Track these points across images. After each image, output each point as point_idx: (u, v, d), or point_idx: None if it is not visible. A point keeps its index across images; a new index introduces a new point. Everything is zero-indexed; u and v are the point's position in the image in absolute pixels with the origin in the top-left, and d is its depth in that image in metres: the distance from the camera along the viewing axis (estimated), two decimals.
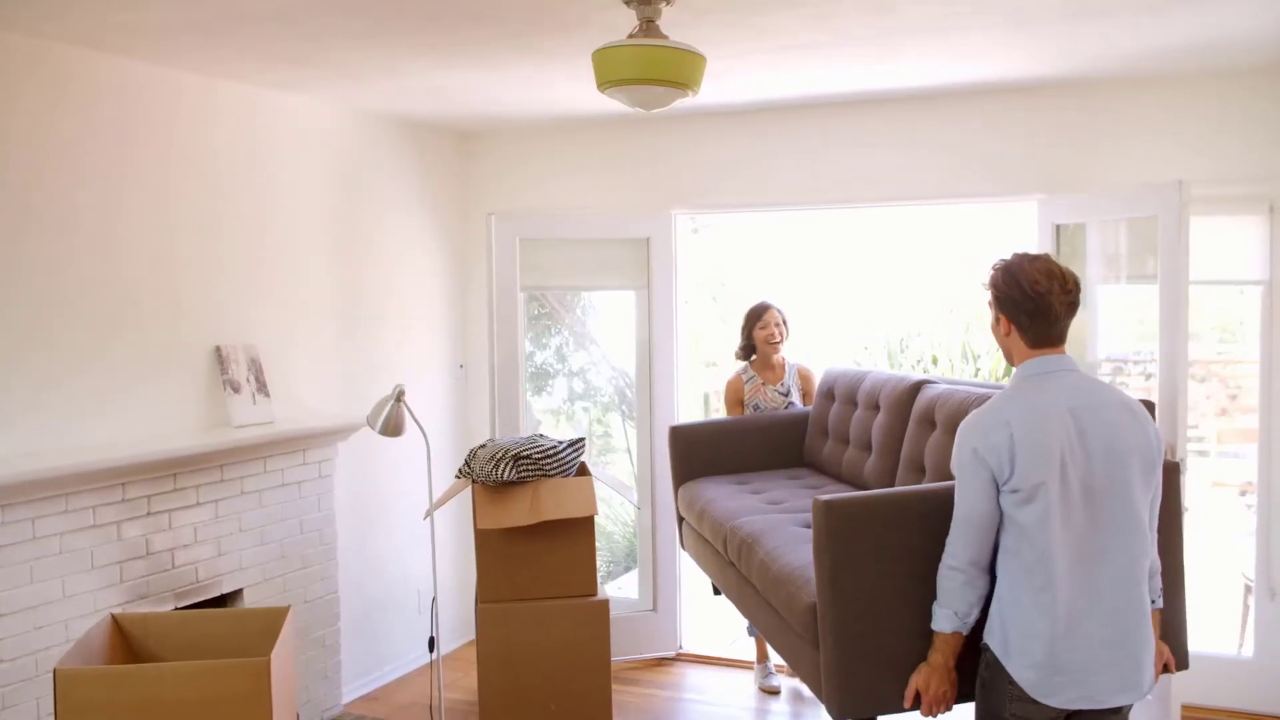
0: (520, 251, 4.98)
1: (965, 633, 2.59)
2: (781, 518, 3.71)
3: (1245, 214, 4.19)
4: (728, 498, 4.15)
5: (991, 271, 2.62)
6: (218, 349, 4.09)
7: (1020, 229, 4.92)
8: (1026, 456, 2.42)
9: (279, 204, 4.41)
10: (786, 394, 4.93)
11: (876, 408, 4.12)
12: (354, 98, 4.53)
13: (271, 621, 3.06)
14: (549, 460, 4.32)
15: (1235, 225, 4.24)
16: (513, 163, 5.40)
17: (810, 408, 4.85)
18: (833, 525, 2.70)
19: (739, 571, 3.68)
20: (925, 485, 2.91)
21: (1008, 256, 2.64)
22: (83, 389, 3.62)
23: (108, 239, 3.71)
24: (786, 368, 4.98)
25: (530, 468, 4.27)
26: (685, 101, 4.69)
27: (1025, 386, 2.52)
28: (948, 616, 2.57)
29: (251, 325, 4.27)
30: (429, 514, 4.17)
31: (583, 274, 5.23)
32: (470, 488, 4.41)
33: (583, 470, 4.51)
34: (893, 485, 3.90)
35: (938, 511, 2.62)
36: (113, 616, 3.06)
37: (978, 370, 7.92)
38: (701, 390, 8.42)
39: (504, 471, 4.24)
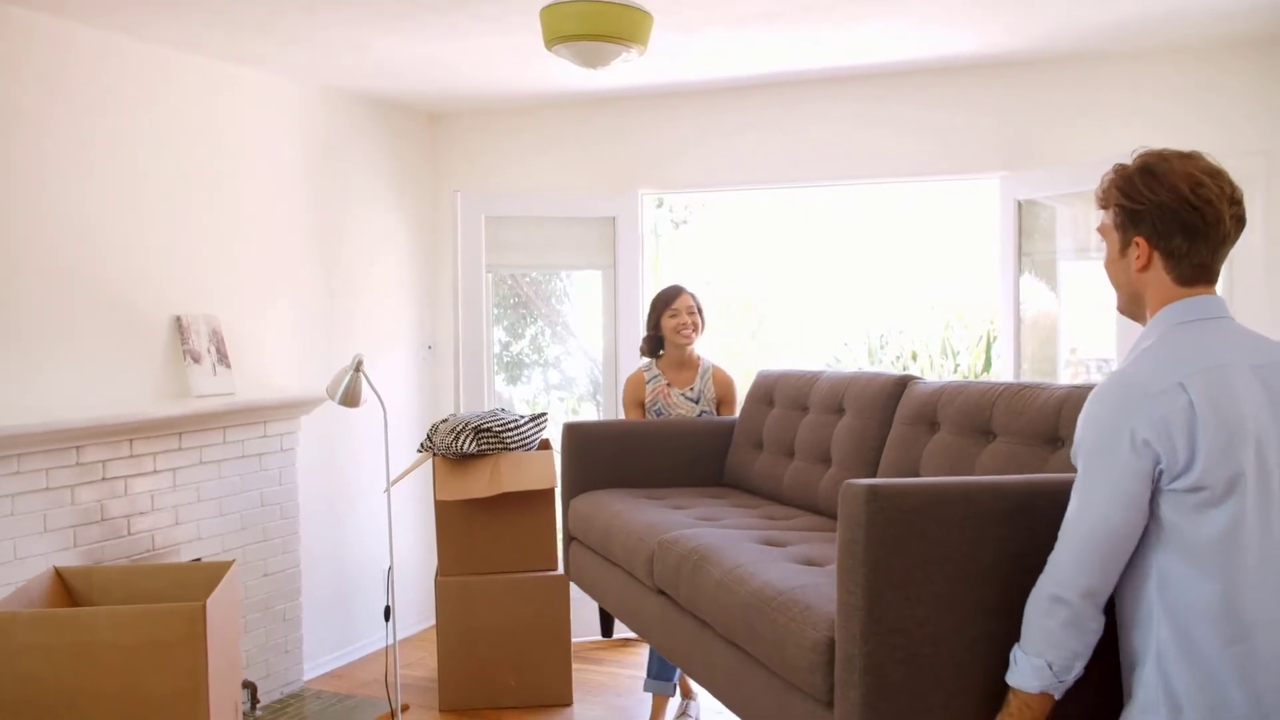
0: (486, 230, 5.00)
1: (1058, 696, 1.79)
2: (732, 534, 2.91)
3: None
4: (643, 510, 3.38)
5: (1114, 176, 1.84)
6: (178, 319, 4.09)
7: (987, 220, 4.91)
8: (1216, 436, 1.65)
9: (245, 179, 4.42)
10: (697, 400, 4.20)
11: (840, 410, 3.45)
12: (320, 75, 4.55)
13: (215, 575, 3.06)
14: (510, 433, 4.34)
15: None
16: (482, 144, 5.42)
17: (733, 417, 4.12)
18: (879, 521, 1.86)
19: (672, 600, 2.88)
20: (1014, 476, 2.18)
21: (1127, 160, 1.85)
22: (38, 355, 3.62)
23: (68, 207, 3.72)
24: (700, 370, 4.23)
25: (491, 440, 4.28)
26: (652, 81, 4.75)
27: (1183, 337, 1.75)
28: (1037, 669, 1.76)
29: (213, 297, 4.27)
30: (389, 488, 4.17)
31: (549, 253, 5.24)
32: (431, 461, 4.43)
33: (545, 445, 4.52)
34: None
35: (1029, 513, 1.92)
36: (55, 569, 3.06)
37: (957, 367, 7.93)
38: None
39: (464, 443, 4.25)
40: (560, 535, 3.85)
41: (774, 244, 8.62)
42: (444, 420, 4.41)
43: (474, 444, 4.24)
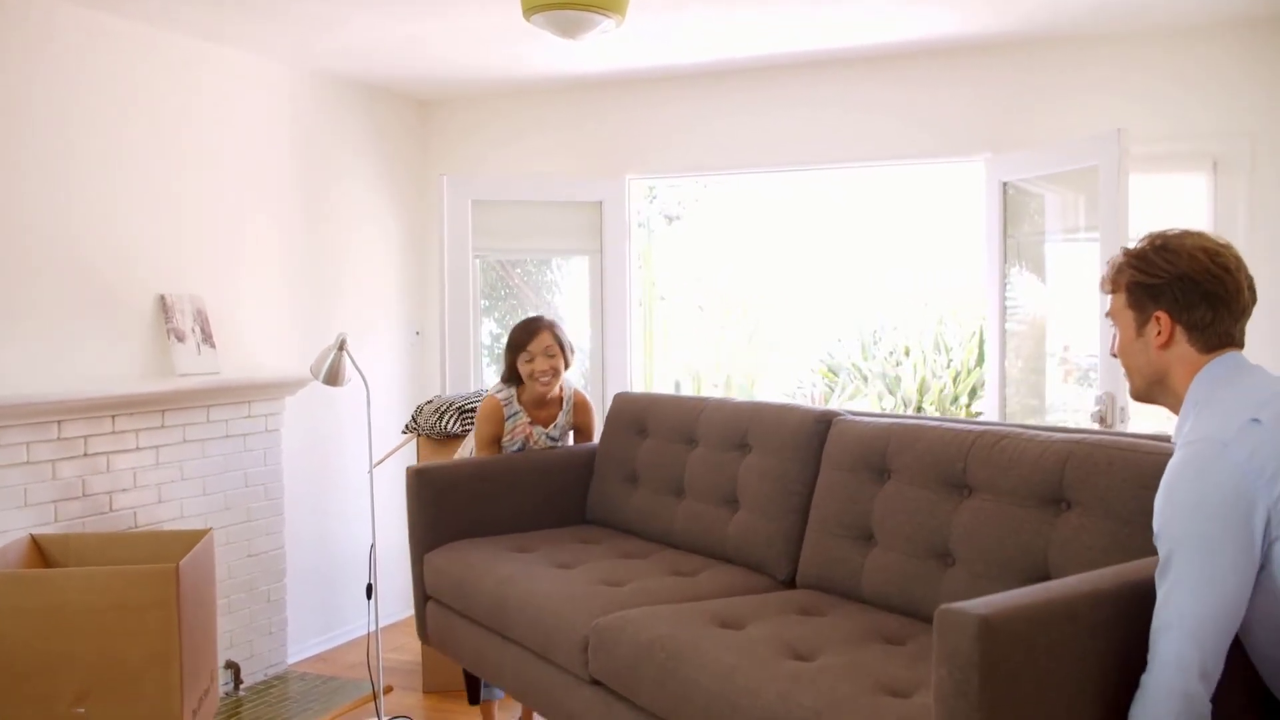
0: (473, 214, 5.01)
1: None
2: (674, 610, 2.62)
3: (1189, 171, 4.21)
4: (540, 576, 2.99)
5: (1124, 257, 1.81)
6: (162, 298, 4.09)
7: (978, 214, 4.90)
8: None
9: (232, 160, 4.43)
10: (558, 440, 3.80)
11: (744, 447, 3.18)
12: (307, 58, 4.56)
13: (190, 543, 3.05)
14: None
15: (1179, 183, 4.26)
16: (472, 129, 5.43)
17: (591, 444, 3.85)
18: (993, 658, 1.60)
19: (628, 701, 2.53)
20: (1103, 574, 1.89)
21: (1131, 245, 1.83)
22: (21, 331, 3.62)
23: (54, 185, 3.72)
24: (564, 402, 3.78)
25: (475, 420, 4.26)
26: (639, 65, 4.76)
27: (1234, 381, 1.73)
28: None
29: (198, 277, 4.28)
30: (371, 469, 4.16)
31: (536, 238, 5.24)
32: (416, 442, 4.43)
33: None
34: (798, 554, 2.88)
35: (1125, 619, 1.72)
36: (31, 536, 3.05)
37: (950, 362, 7.92)
38: (673, 378, 8.43)
39: (448, 423, 4.25)
40: (416, 599, 3.58)
41: (767, 240, 8.62)
42: (428, 401, 4.41)
43: (458, 424, 4.24)
